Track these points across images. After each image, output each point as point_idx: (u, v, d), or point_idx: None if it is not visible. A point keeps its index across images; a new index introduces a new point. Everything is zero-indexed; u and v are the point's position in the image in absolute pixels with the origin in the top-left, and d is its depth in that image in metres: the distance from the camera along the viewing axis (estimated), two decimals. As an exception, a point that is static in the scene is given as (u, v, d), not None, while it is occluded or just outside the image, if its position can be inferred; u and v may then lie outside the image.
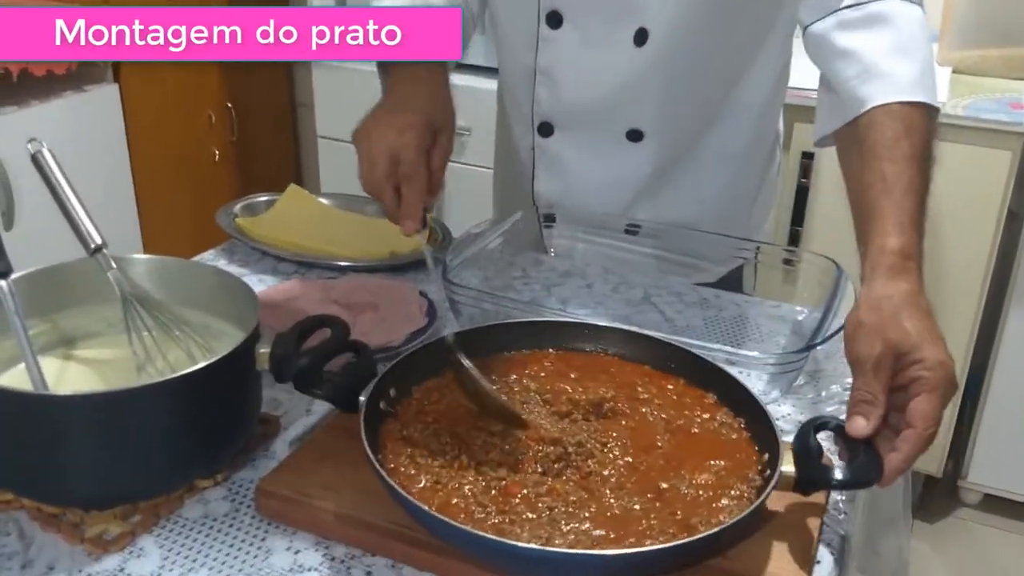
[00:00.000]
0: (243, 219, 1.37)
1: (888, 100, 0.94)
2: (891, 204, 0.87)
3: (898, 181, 0.88)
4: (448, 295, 1.12)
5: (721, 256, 1.30)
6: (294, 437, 0.93)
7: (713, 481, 0.81)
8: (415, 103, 0.99)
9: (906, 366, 0.79)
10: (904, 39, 0.99)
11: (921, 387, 0.78)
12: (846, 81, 0.98)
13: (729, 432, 0.88)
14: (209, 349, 0.91)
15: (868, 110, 0.95)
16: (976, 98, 2.07)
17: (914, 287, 0.83)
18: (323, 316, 0.88)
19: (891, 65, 0.96)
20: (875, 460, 0.78)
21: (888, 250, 0.85)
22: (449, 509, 0.75)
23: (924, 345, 0.78)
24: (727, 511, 0.77)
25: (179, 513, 0.83)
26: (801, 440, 0.79)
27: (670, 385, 0.94)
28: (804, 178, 2.14)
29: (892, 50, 0.98)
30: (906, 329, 0.79)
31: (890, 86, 0.95)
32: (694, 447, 0.86)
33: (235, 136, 2.82)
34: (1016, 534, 2.37)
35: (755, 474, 0.82)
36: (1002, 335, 2.20)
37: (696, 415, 0.90)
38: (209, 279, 0.95)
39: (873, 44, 0.99)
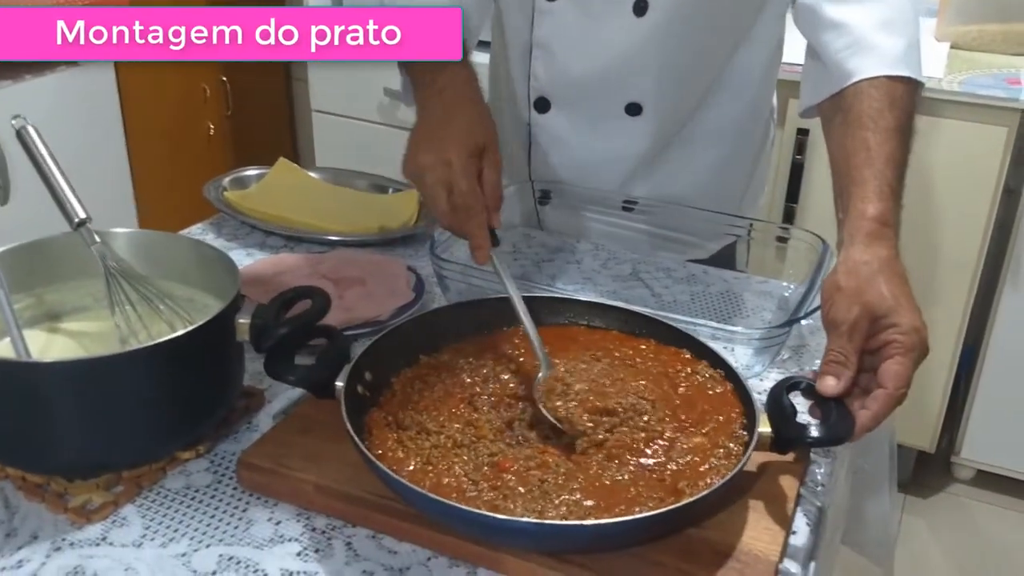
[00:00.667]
0: (232, 193, 1.37)
1: (874, 73, 0.95)
2: (872, 173, 0.89)
3: (880, 151, 0.90)
4: (436, 270, 1.12)
5: (714, 233, 1.30)
6: (278, 411, 0.93)
7: (705, 444, 0.82)
8: (454, 127, 0.98)
9: (880, 330, 0.81)
10: (892, 13, 1.00)
11: (894, 350, 0.80)
12: (835, 53, 0.99)
13: (715, 385, 0.89)
14: (193, 322, 0.91)
15: (854, 82, 0.96)
16: (973, 73, 2.06)
17: (891, 253, 0.85)
18: (304, 287, 0.89)
19: (879, 39, 0.97)
20: (847, 417, 0.80)
21: (868, 216, 0.86)
22: (441, 489, 0.75)
23: (900, 310, 0.80)
24: (714, 472, 0.78)
25: (161, 484, 0.84)
26: (774, 400, 0.81)
27: (643, 346, 0.95)
28: (799, 155, 2.13)
29: (880, 24, 0.99)
30: (883, 294, 0.81)
31: (877, 59, 0.96)
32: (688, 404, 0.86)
33: (230, 110, 2.81)
34: (1009, 510, 2.38)
35: (741, 428, 0.83)
36: (996, 311, 2.20)
37: (679, 369, 0.91)
38: (192, 252, 0.96)
39: (862, 17, 1.00)
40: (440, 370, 0.91)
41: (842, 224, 0.90)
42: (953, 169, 2.03)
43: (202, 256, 0.95)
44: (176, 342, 0.79)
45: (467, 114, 1.00)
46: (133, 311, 0.92)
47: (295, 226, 1.30)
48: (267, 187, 1.40)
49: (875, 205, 0.87)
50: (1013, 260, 2.14)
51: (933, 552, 2.26)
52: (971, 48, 2.21)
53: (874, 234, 0.86)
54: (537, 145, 1.34)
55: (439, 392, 0.88)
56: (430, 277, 1.17)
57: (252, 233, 1.31)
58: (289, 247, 1.28)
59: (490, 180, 0.97)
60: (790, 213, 2.20)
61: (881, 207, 0.87)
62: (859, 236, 0.86)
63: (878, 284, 0.82)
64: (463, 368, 0.92)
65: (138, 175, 2.57)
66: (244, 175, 1.43)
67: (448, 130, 0.98)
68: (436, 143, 0.97)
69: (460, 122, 0.98)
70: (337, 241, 1.28)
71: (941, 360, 2.22)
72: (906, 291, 0.83)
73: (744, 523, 0.78)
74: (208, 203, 1.33)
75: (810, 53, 1.08)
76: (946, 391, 2.27)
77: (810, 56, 1.08)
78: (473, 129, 0.98)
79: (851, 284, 0.82)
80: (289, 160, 1.45)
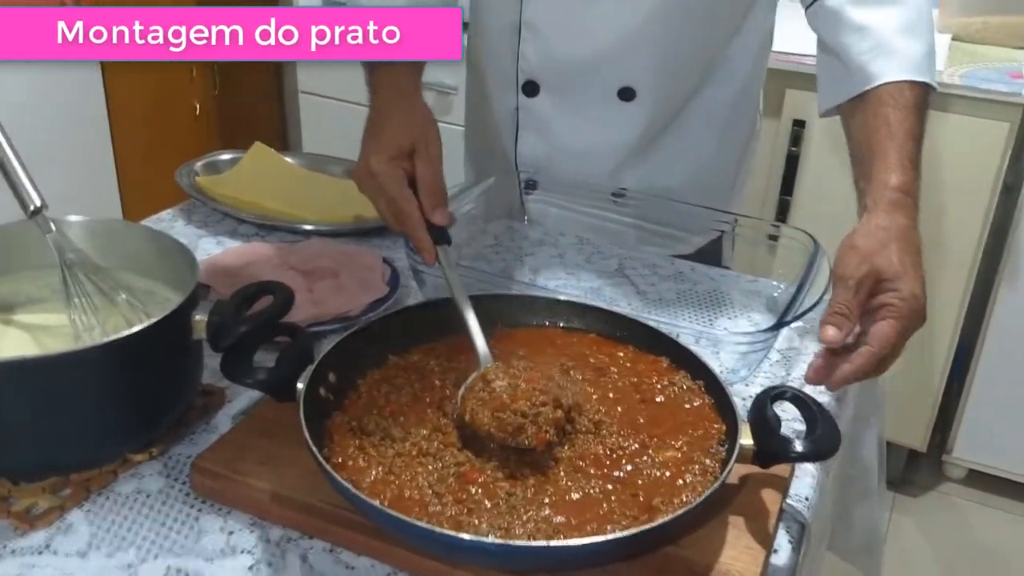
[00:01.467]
0: (204, 178, 1.32)
1: (897, 78, 0.97)
2: (894, 145, 0.92)
3: (901, 126, 0.93)
4: (411, 265, 1.08)
5: (700, 227, 1.26)
6: (238, 411, 0.89)
7: (678, 457, 0.78)
8: (383, 131, 0.97)
9: (881, 291, 0.83)
10: (913, 18, 1.01)
11: (888, 312, 0.82)
12: (858, 55, 1.00)
13: (692, 398, 0.85)
14: (151, 316, 0.87)
15: (876, 86, 0.97)
16: (975, 67, 2.01)
17: (910, 223, 0.88)
18: (267, 282, 0.84)
19: (901, 43, 0.99)
20: (834, 431, 0.76)
21: (891, 186, 0.89)
22: (403, 503, 0.71)
23: (905, 277, 0.83)
24: (690, 488, 0.74)
25: (111, 487, 0.79)
26: (758, 411, 0.77)
27: (620, 352, 0.91)
28: (794, 146, 2.08)
29: (903, 28, 1.00)
30: (892, 259, 0.84)
31: (900, 64, 0.97)
32: (659, 418, 0.82)
33: (217, 90, 2.76)
34: (1000, 510, 2.35)
35: (718, 444, 0.79)
36: (993, 309, 2.16)
37: (655, 381, 0.87)
38: (152, 243, 0.91)
39: (885, 21, 1.00)
40: (410, 372, 0.87)
41: (864, 192, 0.92)
42: (953, 164, 1.99)
43: (162, 247, 0.90)
44: (129, 340, 0.75)
45: (396, 115, 0.98)
46: (90, 304, 0.88)
47: (268, 213, 1.25)
48: (241, 172, 1.35)
49: (897, 175, 0.90)
50: (1011, 258, 2.10)
51: (923, 551, 2.23)
52: (973, 40, 2.17)
53: (896, 203, 0.88)
54: (525, 131, 1.29)
55: (407, 396, 0.84)
56: (406, 269, 1.13)
57: (224, 220, 1.26)
58: (261, 235, 1.23)
59: (424, 179, 0.96)
60: (784, 206, 2.16)
61: (903, 177, 0.90)
62: (882, 204, 0.89)
63: (891, 249, 0.84)
64: (434, 370, 0.87)
65: (121, 156, 2.51)
66: (217, 159, 1.38)
67: (375, 136, 0.97)
68: (364, 152, 0.98)
69: (389, 124, 0.97)
70: (311, 230, 1.23)
71: (936, 358, 2.19)
72: (916, 261, 0.85)
73: (723, 541, 0.74)
74: (186, 187, 1.29)
75: (828, 54, 1.05)
76: (940, 389, 2.23)
77: (829, 57, 1.06)
78: (397, 132, 0.97)
79: (866, 245, 0.85)
80: (271, 143, 1.41)
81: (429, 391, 0.85)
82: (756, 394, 0.96)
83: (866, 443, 1.17)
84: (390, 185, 0.95)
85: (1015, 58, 2.08)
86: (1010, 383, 2.20)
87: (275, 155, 1.40)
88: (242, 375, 0.78)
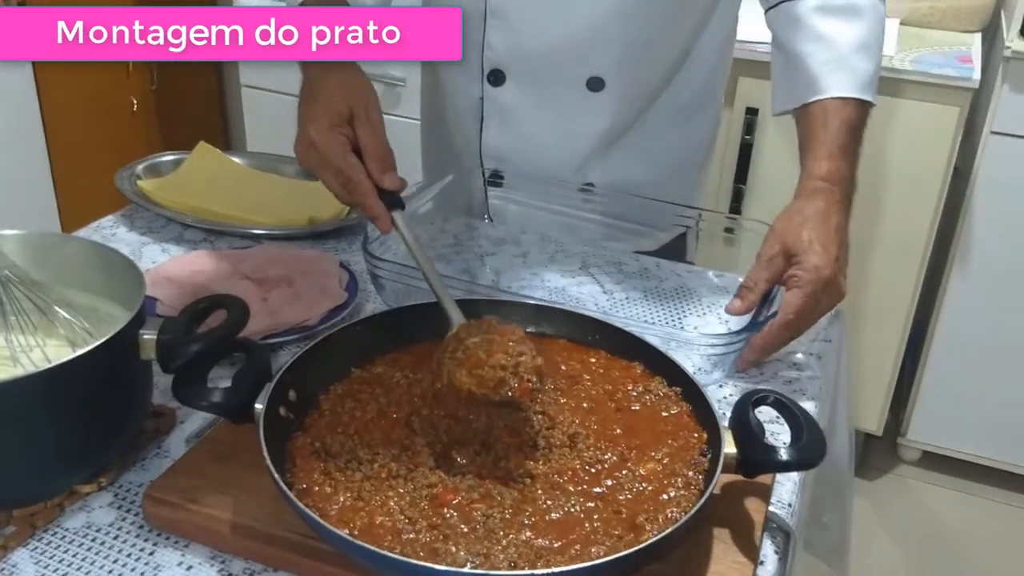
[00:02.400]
0: (146, 181, 1.26)
1: (847, 94, 1.03)
2: (827, 135, 1.00)
3: (837, 115, 1.01)
4: (370, 270, 1.04)
5: (665, 223, 1.24)
6: (191, 433, 0.84)
7: (659, 470, 0.75)
8: (318, 101, 0.92)
9: (790, 266, 0.94)
10: (870, 37, 1.06)
11: (793, 283, 0.93)
12: (817, 65, 1.05)
13: (669, 405, 0.82)
14: (94, 334, 0.82)
15: (828, 97, 1.03)
16: (924, 51, 2.02)
17: (827, 206, 0.97)
18: (219, 296, 0.79)
19: (855, 60, 1.05)
20: (819, 437, 0.74)
21: (815, 175, 0.99)
22: (374, 531, 0.67)
23: (809, 252, 0.93)
24: (675, 503, 0.71)
25: (58, 523, 0.74)
26: (739, 418, 0.74)
27: (592, 359, 0.87)
28: (748, 135, 2.07)
29: (860, 45, 1.05)
30: (802, 238, 0.94)
31: (852, 81, 1.03)
32: (636, 428, 0.79)
33: (155, 84, 2.66)
34: (954, 491, 2.38)
35: (700, 455, 0.76)
36: (944, 292, 2.18)
37: (631, 389, 0.84)
38: (92, 256, 0.85)
39: (844, 35, 1.05)
40: (374, 385, 0.83)
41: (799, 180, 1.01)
42: (904, 149, 1.99)
43: (105, 260, 0.85)
44: (71, 366, 0.70)
45: (332, 82, 0.93)
46: (28, 322, 0.82)
47: (216, 218, 1.19)
48: (185, 175, 1.29)
49: (823, 164, 0.99)
50: (961, 242, 2.12)
51: (880, 532, 2.25)
52: (921, 24, 2.17)
53: (817, 190, 0.98)
54: (490, 121, 1.25)
55: (372, 412, 0.79)
56: (364, 273, 1.09)
57: (168, 226, 1.20)
58: (209, 241, 1.18)
59: (369, 144, 0.91)
60: (739, 194, 2.15)
61: (829, 166, 0.99)
62: (804, 191, 0.99)
63: (802, 230, 0.94)
64: (399, 382, 0.83)
65: (56, 157, 2.41)
66: (160, 161, 1.32)
67: (312, 105, 0.92)
68: (301, 123, 0.93)
69: (324, 91, 0.92)
70: (262, 234, 1.18)
71: (889, 342, 2.20)
72: (826, 239, 0.94)
73: (709, 556, 0.71)
74: (126, 190, 1.22)
75: (783, 56, 1.10)
76: (894, 373, 2.25)
77: (783, 59, 1.10)
78: (334, 98, 0.92)
79: (781, 227, 0.96)
80: (213, 140, 1.35)
81: (395, 405, 0.80)
82: (731, 396, 0.95)
83: (838, 440, 1.15)
84: (333, 154, 0.90)
85: (963, 42, 2.09)
86: (962, 365, 2.23)
87: (221, 155, 1.34)
88: (196, 398, 0.73)
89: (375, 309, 1.07)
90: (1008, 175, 2.02)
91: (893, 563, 2.19)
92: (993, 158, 2.02)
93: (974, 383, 2.23)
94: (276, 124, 2.52)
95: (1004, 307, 2.14)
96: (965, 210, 2.09)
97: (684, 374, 0.82)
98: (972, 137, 2.08)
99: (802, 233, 0.94)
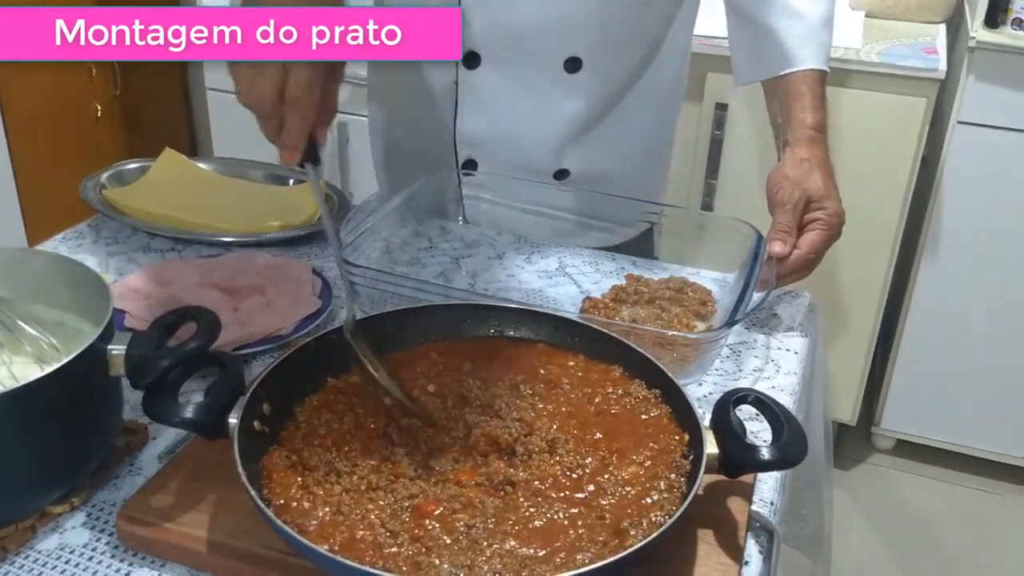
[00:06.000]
0: (111, 190, 1.23)
1: (816, 66, 1.12)
2: (808, 88, 1.10)
3: (812, 75, 1.11)
4: (343, 274, 1.02)
5: (631, 219, 1.24)
6: (164, 449, 0.82)
7: (640, 473, 0.74)
8: None
9: (811, 210, 1.05)
10: (831, 11, 1.15)
11: (818, 225, 1.04)
12: (793, 38, 1.12)
13: (648, 408, 0.81)
14: (62, 352, 0.80)
15: (800, 70, 1.11)
16: (890, 43, 2.03)
17: (825, 154, 1.08)
18: (188, 309, 0.78)
19: (823, 35, 1.13)
20: (800, 435, 0.73)
21: (808, 125, 1.09)
22: (355, 546, 0.66)
23: (830, 198, 1.05)
24: (658, 506, 0.70)
25: (31, 545, 0.72)
26: (720, 417, 0.73)
27: (571, 362, 0.87)
28: (718, 130, 2.07)
29: (826, 20, 1.14)
30: (819, 183, 1.05)
31: (820, 53, 1.12)
32: (616, 432, 0.78)
33: (119, 89, 2.62)
34: (928, 478, 2.40)
35: (681, 457, 0.75)
36: (915, 281, 2.20)
37: (610, 392, 0.83)
38: (58, 270, 0.83)
39: (814, 10, 1.13)
40: (350, 394, 0.82)
41: (781, 128, 1.12)
42: (872, 140, 2.00)
43: (71, 274, 0.83)
44: (38, 385, 0.68)
45: None
46: (-9, 339, 0.80)
47: (183, 226, 1.17)
48: (151, 182, 1.27)
49: (812, 115, 1.09)
50: (931, 230, 2.14)
51: (855, 521, 2.27)
52: (886, 16, 2.19)
53: (813, 139, 1.08)
54: (464, 106, 1.23)
55: (349, 423, 0.78)
56: (337, 280, 1.07)
57: (135, 235, 1.18)
58: (177, 250, 1.16)
59: (331, 89, 0.85)
60: (710, 189, 2.15)
61: (817, 117, 1.09)
62: (803, 140, 1.08)
63: (816, 175, 1.06)
64: (375, 392, 0.82)
65: (19, 165, 2.37)
66: (125, 169, 1.29)
67: None
68: None
69: None
70: (232, 242, 1.16)
71: (861, 332, 2.21)
72: (834, 183, 1.07)
73: (694, 558, 0.71)
74: (90, 198, 1.20)
75: (750, 28, 1.16)
76: (867, 363, 2.26)
77: (749, 31, 1.16)
78: None
79: (795, 174, 1.06)
80: (178, 144, 1.33)
81: (373, 416, 0.79)
82: (711, 395, 0.94)
83: (814, 432, 1.16)
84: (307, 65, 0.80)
85: (928, 33, 2.10)
86: (933, 353, 2.25)
87: (187, 162, 1.31)
88: (168, 414, 0.71)
89: (352, 316, 1.06)
90: (975, 164, 2.04)
91: (869, 550, 2.21)
92: (960, 147, 2.04)
93: (946, 371, 2.25)
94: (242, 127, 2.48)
95: (973, 295, 2.16)
96: (933, 199, 2.11)
97: (664, 375, 0.82)
98: (939, 127, 2.09)
99: (818, 180, 1.05)
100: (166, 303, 0.98)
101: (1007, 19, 1.94)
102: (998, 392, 2.24)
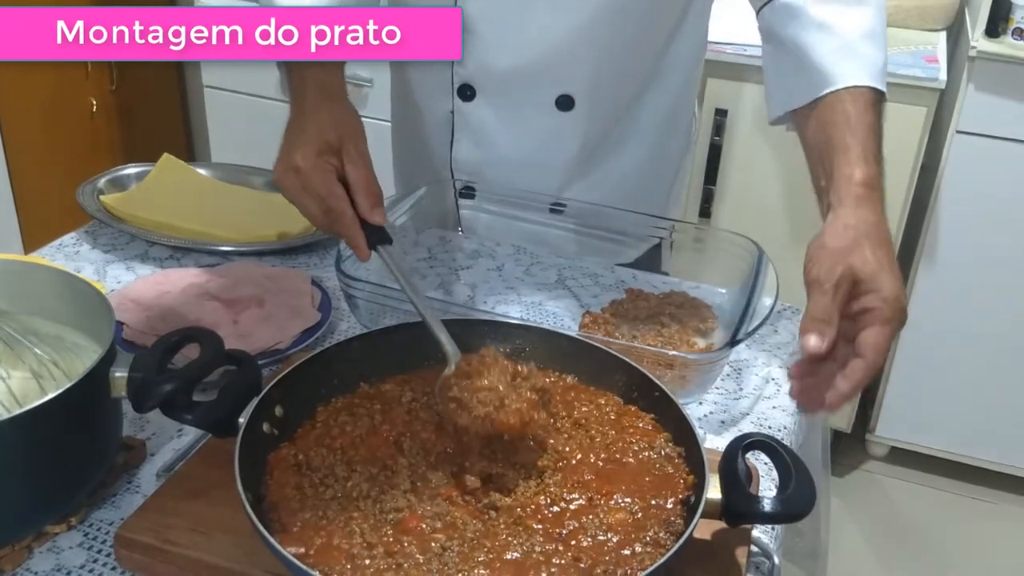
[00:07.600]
0: (109, 196, 1.22)
1: (862, 83, 0.91)
2: (855, 139, 0.88)
3: (861, 120, 0.89)
4: (343, 286, 1.02)
5: (637, 234, 1.22)
6: (163, 465, 0.82)
7: (626, 521, 0.72)
8: (306, 131, 0.90)
9: (861, 294, 0.79)
10: (875, 26, 0.96)
11: (874, 318, 0.77)
12: (823, 55, 0.94)
13: (665, 465, 0.78)
14: (61, 367, 0.79)
15: (839, 88, 0.92)
16: (891, 51, 2.02)
17: (877, 217, 0.84)
18: (191, 330, 0.77)
19: (865, 48, 0.94)
20: (809, 486, 0.71)
21: (855, 181, 0.85)
22: (330, 552, 0.66)
23: (882, 275, 0.79)
24: (637, 560, 0.68)
25: (27, 566, 0.72)
26: (728, 463, 0.72)
27: (602, 400, 0.85)
28: (717, 136, 2.07)
29: (866, 34, 0.95)
30: (867, 257, 0.79)
31: (864, 69, 0.92)
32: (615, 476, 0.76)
33: (115, 85, 2.60)
34: (922, 485, 2.41)
35: (677, 517, 0.73)
36: (913, 289, 2.20)
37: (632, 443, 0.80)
38: (58, 284, 0.83)
39: (848, 22, 0.95)
40: (376, 400, 0.81)
41: (824, 190, 0.88)
42: (871, 149, 2.00)
43: (71, 288, 0.82)
44: (40, 410, 0.67)
45: (320, 116, 0.92)
46: (-10, 354, 0.79)
47: (182, 234, 1.17)
48: (149, 188, 1.26)
49: (861, 169, 0.86)
50: (928, 239, 2.14)
51: (849, 528, 2.27)
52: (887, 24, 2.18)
53: (862, 198, 0.85)
54: (460, 135, 1.22)
55: (363, 427, 0.78)
56: (337, 291, 1.07)
57: (133, 242, 1.17)
58: (176, 258, 1.15)
59: (354, 175, 0.89)
60: (708, 195, 2.14)
61: (867, 171, 0.86)
62: (848, 200, 0.85)
63: (863, 247, 0.80)
64: (401, 401, 0.82)
65: (13, 162, 2.35)
66: (123, 174, 1.28)
67: (299, 133, 0.91)
68: (287, 149, 0.90)
69: (311, 126, 0.91)
70: (231, 251, 1.15)
71: (858, 340, 2.21)
72: (889, 256, 0.81)
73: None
74: (90, 201, 1.19)
75: (782, 55, 1.00)
76: (863, 370, 2.25)
77: (781, 58, 1.00)
78: (324, 128, 0.90)
79: (837, 244, 0.81)
80: (175, 143, 1.32)
81: (389, 424, 0.79)
82: (710, 414, 0.94)
83: (813, 446, 1.15)
84: (319, 181, 0.87)
85: (928, 41, 2.10)
86: (929, 361, 2.25)
87: (186, 167, 1.31)
88: (179, 410, 0.72)
89: (348, 328, 1.05)
90: (974, 173, 2.04)
91: (863, 557, 2.21)
92: (959, 157, 2.03)
93: (941, 379, 2.25)
94: (239, 124, 2.48)
95: (970, 304, 2.16)
96: (932, 208, 2.10)
97: (690, 431, 0.77)
98: (938, 135, 2.09)
99: (866, 253, 0.80)
100: (164, 314, 0.97)
101: (1008, 29, 1.94)
102: (993, 400, 2.24)
